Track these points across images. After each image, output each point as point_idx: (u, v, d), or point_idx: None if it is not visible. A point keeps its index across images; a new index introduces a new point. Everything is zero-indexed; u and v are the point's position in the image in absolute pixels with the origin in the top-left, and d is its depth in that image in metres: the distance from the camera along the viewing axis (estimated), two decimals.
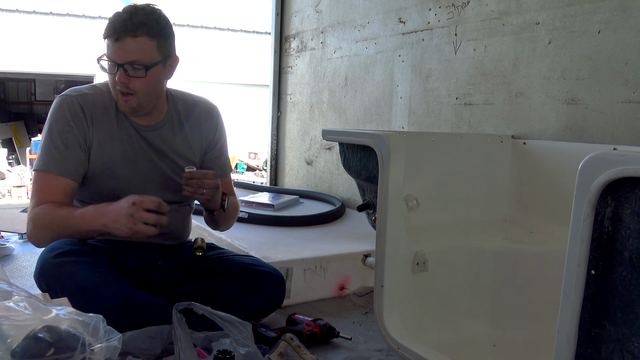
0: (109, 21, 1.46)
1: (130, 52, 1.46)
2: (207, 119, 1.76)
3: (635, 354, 0.84)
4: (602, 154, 0.84)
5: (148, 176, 1.64)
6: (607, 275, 0.86)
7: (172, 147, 1.68)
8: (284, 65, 3.70)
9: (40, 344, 0.83)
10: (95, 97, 1.60)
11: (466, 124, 2.29)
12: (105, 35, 1.46)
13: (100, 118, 1.59)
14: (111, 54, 1.47)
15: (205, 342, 1.29)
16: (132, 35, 1.44)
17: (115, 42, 1.45)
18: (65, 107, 1.56)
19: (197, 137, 1.73)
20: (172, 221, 1.71)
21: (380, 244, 1.48)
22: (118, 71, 1.47)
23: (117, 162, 1.60)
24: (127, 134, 1.62)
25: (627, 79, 1.71)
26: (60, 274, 1.42)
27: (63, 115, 1.55)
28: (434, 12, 2.45)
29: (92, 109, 1.58)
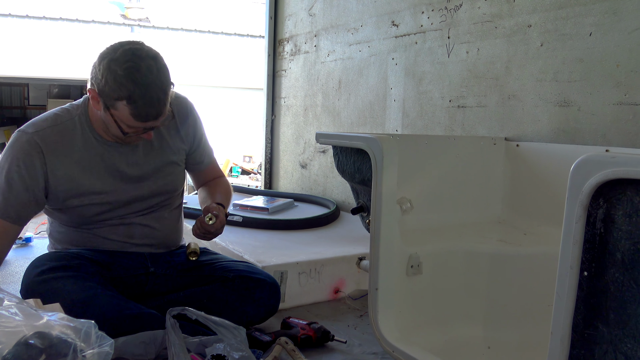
0: (134, 99, 1.38)
1: (162, 117, 1.48)
2: (182, 116, 1.70)
3: (628, 355, 0.84)
4: (593, 156, 0.85)
5: (130, 192, 1.61)
6: (599, 276, 0.86)
7: (152, 151, 1.64)
8: (278, 69, 3.70)
9: (31, 351, 0.82)
10: (56, 129, 1.53)
11: (460, 127, 2.29)
12: (136, 115, 1.41)
13: (64, 150, 1.53)
14: (144, 126, 1.46)
15: (199, 347, 1.29)
16: (164, 106, 1.45)
17: (150, 120, 1.45)
18: (20, 145, 1.49)
19: (177, 136, 1.70)
20: (162, 229, 1.71)
21: (375, 247, 1.48)
22: (146, 131, 1.50)
23: (94, 186, 1.56)
24: (102, 158, 1.57)
25: (618, 81, 1.71)
26: (46, 290, 1.40)
27: (16, 154, 1.49)
28: (426, 15, 2.45)
29: (53, 143, 1.51)
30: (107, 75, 1.39)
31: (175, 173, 1.71)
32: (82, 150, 1.55)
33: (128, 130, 1.46)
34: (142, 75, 1.38)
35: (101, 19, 10.37)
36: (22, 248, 2.66)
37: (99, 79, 1.41)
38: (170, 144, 1.69)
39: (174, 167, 1.70)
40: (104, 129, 1.53)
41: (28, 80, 11.22)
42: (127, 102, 1.39)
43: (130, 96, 1.38)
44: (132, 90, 1.38)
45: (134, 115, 1.41)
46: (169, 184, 1.70)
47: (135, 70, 1.38)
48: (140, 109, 1.40)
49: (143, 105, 1.40)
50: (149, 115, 1.42)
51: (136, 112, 1.41)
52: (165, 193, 1.69)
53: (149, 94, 1.39)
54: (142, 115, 1.41)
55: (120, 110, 1.41)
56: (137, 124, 1.44)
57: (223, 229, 1.67)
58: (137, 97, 1.38)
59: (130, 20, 10.71)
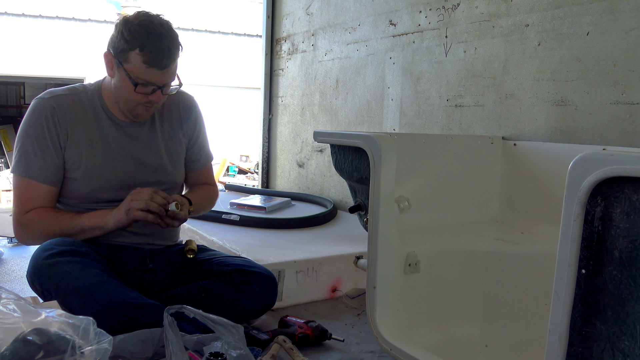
0: (145, 46, 1.48)
1: (170, 74, 1.56)
2: (186, 110, 1.78)
3: (626, 353, 0.84)
4: (591, 154, 0.85)
5: (129, 174, 1.65)
6: (597, 274, 0.87)
7: (155, 140, 1.70)
8: (275, 68, 3.70)
9: (29, 347, 0.82)
10: (71, 97, 1.62)
11: (457, 126, 2.29)
12: (148, 61, 1.49)
13: (77, 119, 1.60)
14: (155, 79, 1.52)
15: (197, 345, 1.28)
16: (173, 61, 1.54)
17: (161, 70, 1.52)
18: (40, 111, 1.58)
19: (178, 130, 1.76)
20: None
21: (372, 246, 1.48)
22: (155, 92, 1.55)
23: (97, 162, 1.61)
24: (107, 132, 1.63)
25: (615, 80, 1.72)
26: (54, 274, 1.41)
27: (38, 120, 1.57)
28: (424, 14, 2.46)
29: (67, 110, 1.59)
30: (123, 30, 1.50)
31: (175, 164, 1.75)
32: (92, 122, 1.62)
33: (140, 82, 1.51)
34: (155, 27, 1.50)
35: (98, 17, 10.35)
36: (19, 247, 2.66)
37: (114, 38, 1.52)
38: (173, 135, 1.75)
39: (175, 158, 1.75)
40: (117, 100, 1.60)
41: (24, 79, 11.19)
42: (140, 50, 1.48)
43: (142, 44, 1.47)
44: (145, 38, 1.48)
45: (145, 62, 1.49)
46: (168, 174, 1.73)
47: (149, 22, 1.50)
48: (152, 54, 1.48)
49: (154, 51, 1.48)
50: (159, 63, 1.49)
51: (147, 58, 1.48)
52: (163, 182, 1.71)
53: (160, 42, 1.49)
54: (153, 61, 1.49)
55: (133, 61, 1.49)
56: (148, 72, 1.50)
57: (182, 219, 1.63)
58: (149, 44, 1.48)
59: None
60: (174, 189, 1.77)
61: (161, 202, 1.52)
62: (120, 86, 1.56)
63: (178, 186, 1.80)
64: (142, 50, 1.48)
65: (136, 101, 1.56)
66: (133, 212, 1.51)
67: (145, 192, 1.52)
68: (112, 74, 1.57)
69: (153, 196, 1.51)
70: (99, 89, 1.65)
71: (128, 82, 1.52)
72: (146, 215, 1.50)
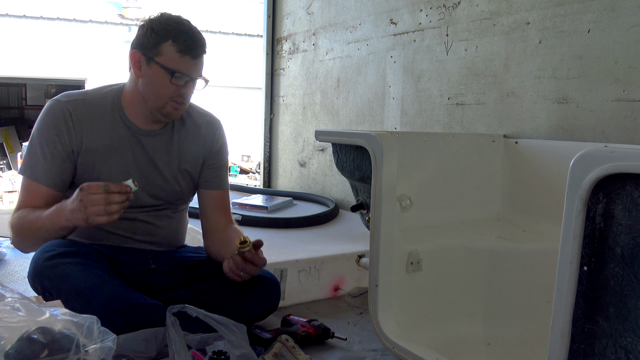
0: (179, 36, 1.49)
1: (200, 67, 1.57)
2: (207, 128, 1.74)
3: (628, 349, 0.85)
4: (593, 151, 0.85)
5: (141, 184, 1.61)
6: (599, 271, 0.87)
7: (170, 153, 1.67)
8: (276, 68, 3.71)
9: (34, 346, 0.83)
10: (89, 102, 1.60)
11: (458, 124, 2.30)
12: (182, 50, 1.50)
13: (93, 124, 1.58)
14: (189, 70, 1.53)
15: (200, 344, 1.29)
16: (204, 52, 1.56)
17: (194, 59, 1.52)
18: (54, 114, 1.56)
19: (195, 145, 1.72)
20: (164, 228, 1.71)
21: (374, 244, 1.48)
22: (187, 84, 1.54)
23: (109, 170, 1.59)
24: (123, 139, 1.61)
25: (616, 78, 1.72)
26: (55, 275, 1.41)
27: (51, 123, 1.55)
28: (425, 13, 2.46)
29: (83, 115, 1.57)
30: (152, 26, 1.51)
31: (186, 180, 1.72)
32: (108, 129, 1.60)
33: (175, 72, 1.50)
34: (183, 21, 1.53)
35: (99, 18, 10.36)
36: None
37: (142, 36, 1.53)
38: (190, 152, 1.71)
39: (186, 174, 1.71)
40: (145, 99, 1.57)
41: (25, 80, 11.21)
42: (173, 41, 1.49)
43: (175, 35, 1.49)
44: (177, 29, 1.50)
45: (180, 51, 1.49)
46: (177, 188, 1.70)
47: (177, 17, 1.54)
48: (186, 43, 1.50)
49: (188, 40, 1.50)
50: (193, 50, 1.51)
51: (182, 47, 1.49)
52: (173, 197, 1.70)
53: (192, 33, 1.52)
54: (187, 49, 1.50)
55: (166, 52, 1.50)
56: (182, 61, 1.51)
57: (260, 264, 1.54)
58: (182, 33, 1.50)
59: (127, 20, 10.70)
60: (182, 205, 1.77)
61: (120, 199, 1.38)
62: (151, 82, 1.53)
63: (186, 202, 1.80)
64: (175, 40, 1.49)
65: (168, 96, 1.53)
66: (94, 219, 1.37)
67: (97, 199, 1.35)
68: (139, 74, 1.54)
69: (108, 198, 1.36)
70: (119, 94, 1.63)
71: (162, 74, 1.51)
72: (110, 216, 1.38)
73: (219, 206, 1.78)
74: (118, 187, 1.39)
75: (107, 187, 1.37)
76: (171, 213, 1.73)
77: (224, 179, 1.81)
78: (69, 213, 1.43)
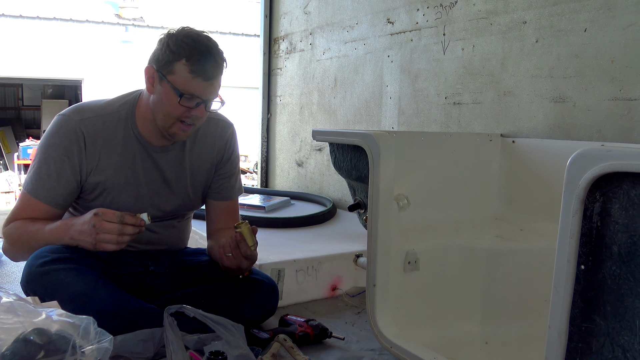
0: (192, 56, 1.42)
1: (214, 89, 1.49)
2: (220, 136, 1.71)
3: (625, 348, 0.85)
4: (589, 150, 0.85)
5: (151, 200, 1.62)
6: (596, 270, 0.87)
7: (182, 168, 1.65)
8: (274, 67, 3.70)
9: (30, 347, 0.82)
10: (100, 119, 1.54)
11: (455, 124, 2.30)
12: (195, 71, 1.43)
13: (104, 142, 1.54)
14: (200, 92, 1.45)
15: (198, 344, 1.29)
16: (220, 74, 1.49)
17: (207, 81, 1.45)
18: (65, 133, 1.50)
19: (208, 156, 1.69)
20: (169, 235, 1.71)
21: (372, 244, 1.48)
22: (198, 106, 1.47)
23: (120, 187, 1.56)
24: (134, 156, 1.57)
25: (613, 77, 1.72)
26: (47, 282, 1.39)
27: (61, 141, 1.50)
28: (422, 12, 2.46)
29: (95, 134, 1.52)
30: (168, 41, 1.44)
31: (197, 194, 1.71)
32: (120, 146, 1.56)
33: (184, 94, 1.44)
34: (202, 39, 1.45)
35: (95, 18, 10.35)
36: None
37: (158, 51, 1.46)
38: (202, 165, 1.69)
39: (198, 187, 1.70)
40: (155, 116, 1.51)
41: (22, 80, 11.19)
42: (187, 60, 1.42)
43: (189, 53, 1.42)
44: (192, 47, 1.42)
45: (191, 72, 1.42)
46: (189, 202, 1.70)
47: (196, 34, 1.46)
48: (199, 63, 1.42)
49: (201, 60, 1.43)
50: (206, 72, 1.44)
51: (194, 68, 1.42)
52: (182, 210, 1.70)
53: (208, 53, 1.44)
54: (199, 70, 1.43)
55: (178, 72, 1.43)
56: (193, 83, 1.44)
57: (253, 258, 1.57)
58: (196, 53, 1.42)
59: (124, 20, 10.68)
60: (189, 213, 1.77)
61: (132, 232, 1.41)
62: (161, 100, 1.48)
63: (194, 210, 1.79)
64: (188, 59, 1.42)
65: (176, 116, 1.48)
66: (103, 247, 1.40)
67: (111, 228, 1.38)
68: (152, 90, 1.50)
69: (122, 229, 1.39)
70: (133, 108, 1.58)
71: (171, 94, 1.45)
72: (119, 246, 1.41)
73: (226, 213, 1.77)
74: (133, 219, 1.41)
75: (123, 217, 1.39)
76: (177, 222, 1.73)
77: (234, 188, 1.78)
78: (77, 234, 1.43)
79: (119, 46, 10.30)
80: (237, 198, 1.81)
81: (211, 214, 1.77)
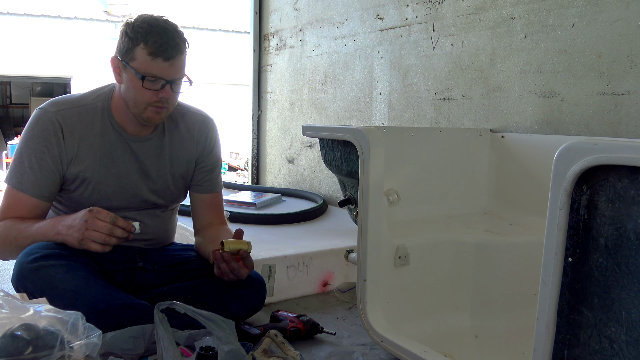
0: (149, 39, 1.43)
1: (179, 69, 1.49)
2: (200, 129, 1.71)
3: (612, 339, 0.86)
4: (576, 143, 0.86)
5: (131, 190, 1.61)
6: (583, 262, 0.88)
7: (160, 158, 1.65)
8: (264, 64, 3.70)
9: (17, 343, 0.82)
10: (77, 110, 1.55)
11: (445, 119, 2.31)
12: (153, 52, 1.43)
13: (82, 133, 1.55)
14: (161, 72, 1.46)
15: (189, 340, 1.28)
16: (180, 53, 1.48)
17: (166, 61, 1.45)
18: (43, 124, 1.51)
19: (188, 148, 1.69)
20: (154, 225, 1.70)
21: (362, 239, 1.48)
22: (164, 87, 1.48)
23: (100, 177, 1.57)
24: (114, 145, 1.58)
25: (601, 72, 1.74)
26: (38, 278, 1.39)
27: (40, 133, 1.51)
28: (411, 8, 2.46)
29: (73, 126, 1.54)
30: (126, 30, 1.46)
31: (177, 185, 1.71)
32: (98, 136, 1.57)
33: (146, 76, 1.45)
34: (158, 22, 1.46)
35: (84, 15, 10.27)
36: None
37: (120, 39, 1.48)
38: (182, 156, 1.69)
39: (178, 179, 1.70)
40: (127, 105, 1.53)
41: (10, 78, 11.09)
42: (144, 44, 1.43)
43: (146, 37, 1.43)
44: (149, 30, 1.44)
45: (150, 54, 1.43)
46: (169, 193, 1.69)
47: (152, 19, 1.47)
48: (156, 44, 1.43)
49: (158, 42, 1.43)
50: (164, 52, 1.44)
51: (152, 49, 1.43)
52: (164, 200, 1.69)
53: (165, 33, 1.44)
54: (158, 51, 1.43)
55: (138, 56, 1.45)
56: (154, 64, 1.44)
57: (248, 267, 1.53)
58: (152, 35, 1.43)
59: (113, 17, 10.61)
60: (172, 204, 1.76)
61: (121, 235, 1.42)
62: (128, 88, 1.49)
63: (177, 203, 1.78)
64: (146, 43, 1.43)
65: (145, 102, 1.48)
66: (88, 244, 1.40)
67: (102, 226, 1.39)
68: (120, 80, 1.51)
69: (112, 230, 1.40)
70: (109, 99, 1.59)
71: (135, 79, 1.46)
72: (103, 247, 1.41)
73: (211, 207, 1.77)
74: (125, 224, 1.42)
75: (115, 219, 1.41)
76: (160, 212, 1.72)
77: (216, 181, 1.78)
78: (65, 228, 1.43)
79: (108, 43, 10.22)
80: (221, 192, 1.81)
81: (196, 208, 1.77)
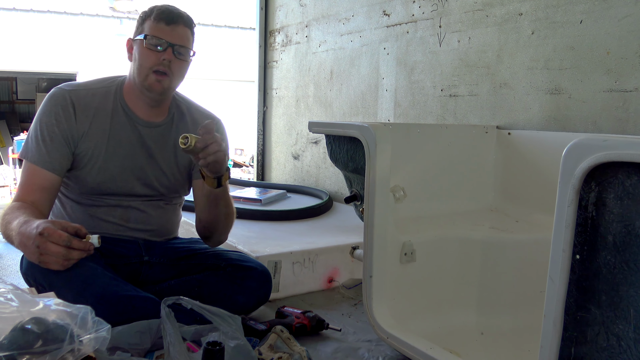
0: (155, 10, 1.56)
1: (182, 37, 1.57)
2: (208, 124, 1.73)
3: (620, 336, 0.85)
4: (585, 140, 0.85)
5: (136, 173, 1.64)
6: (591, 259, 0.88)
7: (166, 147, 1.67)
8: (269, 60, 3.69)
9: (27, 336, 0.82)
10: (90, 91, 1.62)
11: (451, 116, 2.30)
12: (157, 18, 1.55)
13: (93, 113, 1.60)
14: (164, 34, 1.54)
15: (195, 335, 1.29)
16: (184, 24, 1.58)
17: (168, 25, 1.55)
18: (55, 100, 1.58)
19: None
20: (157, 216, 1.72)
21: (368, 235, 1.48)
22: (166, 50, 1.54)
23: (107, 157, 1.60)
24: (122, 129, 1.62)
25: (608, 68, 1.73)
26: (47, 269, 1.41)
27: (51, 108, 1.57)
28: (418, 4, 2.45)
29: (84, 104, 1.59)
30: (140, 15, 1.60)
31: (182, 174, 1.72)
32: (108, 117, 1.61)
33: (149, 36, 1.54)
34: (167, 4, 1.60)
35: (89, 11, 10.27)
36: None
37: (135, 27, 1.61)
38: None
39: (182, 168, 1.71)
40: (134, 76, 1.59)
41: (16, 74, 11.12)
42: (152, 17, 1.56)
43: (155, 11, 1.57)
44: (158, 7, 1.58)
45: (155, 19, 1.55)
46: (173, 181, 1.70)
47: (162, 4, 1.61)
48: (160, 12, 1.56)
49: (162, 10, 1.56)
50: (167, 17, 1.55)
51: (156, 16, 1.55)
52: (166, 188, 1.70)
53: (172, 7, 1.59)
54: (163, 16, 1.55)
55: (146, 27, 1.56)
56: (157, 27, 1.54)
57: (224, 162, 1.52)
58: (161, 9, 1.57)
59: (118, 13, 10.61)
60: (176, 199, 1.77)
61: (79, 257, 1.34)
62: (135, 57, 1.58)
63: (181, 196, 1.79)
64: (154, 15, 1.55)
65: (149, 66, 1.54)
66: (45, 265, 1.33)
67: (57, 252, 1.30)
68: (131, 57, 1.60)
69: (68, 254, 1.31)
70: (122, 84, 1.66)
71: (141, 45, 1.55)
72: (64, 267, 1.33)
73: None
74: (81, 244, 1.33)
75: (70, 241, 1.31)
76: (164, 204, 1.73)
77: None
78: (22, 246, 1.36)
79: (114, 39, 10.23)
80: None
81: (197, 195, 1.75)
